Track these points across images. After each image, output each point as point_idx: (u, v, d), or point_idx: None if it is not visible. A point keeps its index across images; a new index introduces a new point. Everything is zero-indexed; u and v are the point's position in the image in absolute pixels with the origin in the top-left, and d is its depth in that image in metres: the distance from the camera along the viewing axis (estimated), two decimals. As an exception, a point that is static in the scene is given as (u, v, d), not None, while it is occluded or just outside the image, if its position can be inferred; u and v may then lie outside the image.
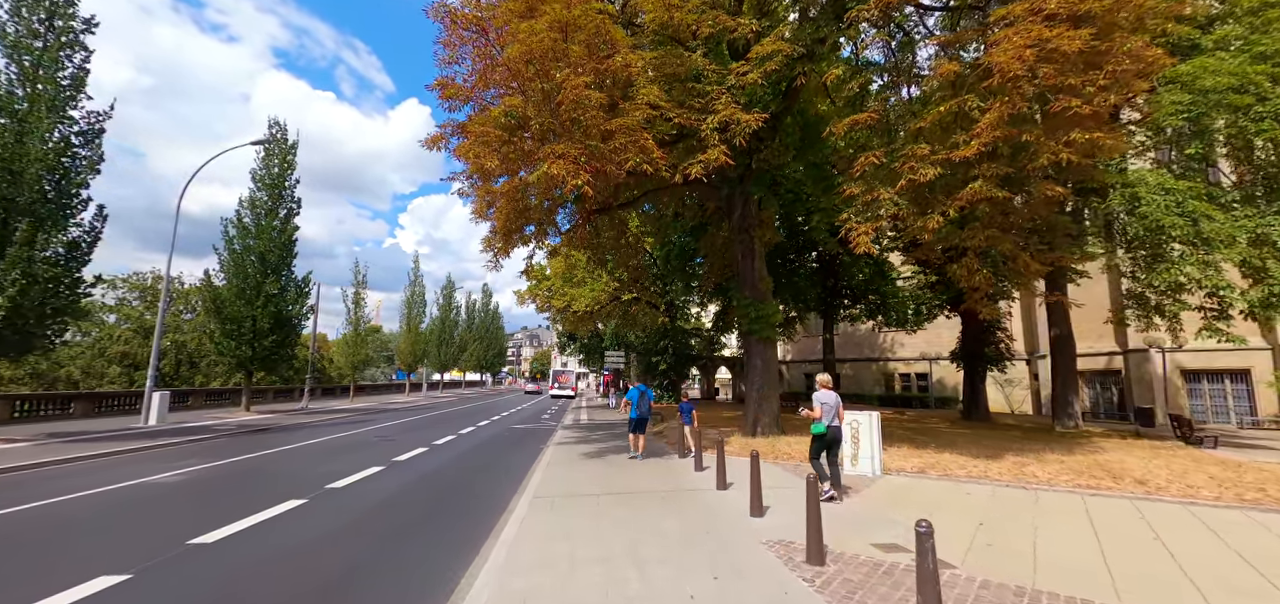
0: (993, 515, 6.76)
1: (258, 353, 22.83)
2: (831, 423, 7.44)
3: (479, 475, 10.17)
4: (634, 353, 40.51)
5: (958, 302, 22.88)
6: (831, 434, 7.45)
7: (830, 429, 7.42)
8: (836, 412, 7.55)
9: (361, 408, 28.82)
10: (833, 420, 7.46)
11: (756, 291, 14.13)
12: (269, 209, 24.10)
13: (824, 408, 7.45)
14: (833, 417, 7.48)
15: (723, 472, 8.31)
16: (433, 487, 9.06)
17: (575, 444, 14.30)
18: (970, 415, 22.63)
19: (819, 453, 7.47)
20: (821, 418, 7.40)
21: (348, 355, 34.17)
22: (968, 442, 13.08)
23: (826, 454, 7.51)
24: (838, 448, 7.70)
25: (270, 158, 24.61)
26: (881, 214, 9.64)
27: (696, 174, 10.21)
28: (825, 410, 7.44)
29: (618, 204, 16.78)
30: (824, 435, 7.39)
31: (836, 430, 7.56)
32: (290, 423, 20.06)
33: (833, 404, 7.50)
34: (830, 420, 7.43)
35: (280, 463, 11.41)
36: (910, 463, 10.04)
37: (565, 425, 20.07)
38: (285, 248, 24.46)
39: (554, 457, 11.92)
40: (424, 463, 11.52)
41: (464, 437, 16.63)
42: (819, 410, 7.45)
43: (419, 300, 45.07)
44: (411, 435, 16.59)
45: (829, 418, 7.43)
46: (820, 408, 7.46)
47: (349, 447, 14.03)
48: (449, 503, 7.87)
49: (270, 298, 23.20)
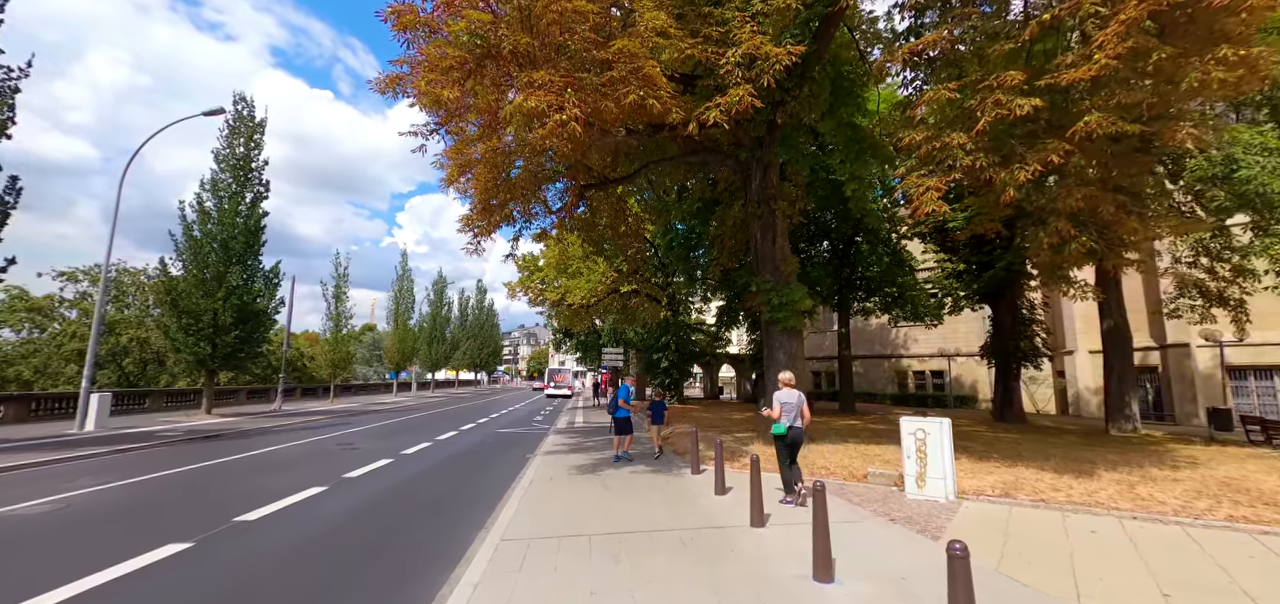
0: (1167, 574, 4.67)
1: (219, 350, 20.65)
2: (793, 423, 7.12)
3: (439, 505, 8.06)
4: (634, 350, 38.43)
5: (990, 292, 20.88)
6: (792, 435, 7.15)
7: (790, 430, 7.12)
8: (798, 412, 7.18)
9: (340, 410, 26.68)
10: (794, 420, 7.14)
11: (778, 274, 12.05)
12: (233, 192, 21.91)
13: (784, 408, 7.12)
14: (794, 416, 7.14)
15: (759, 504, 6.20)
16: (374, 521, 6.95)
17: (566, 453, 12.20)
18: (1004, 416, 20.59)
19: (786, 457, 7.22)
20: (781, 418, 7.10)
21: (328, 354, 31.99)
22: (1031, 451, 11.00)
23: (789, 457, 7.24)
24: (798, 449, 7.35)
25: (235, 135, 22.43)
26: (953, 166, 7.54)
27: (715, 120, 8.09)
28: (785, 410, 7.12)
29: (615, 179, 14.72)
30: (784, 436, 7.14)
31: (798, 432, 7.18)
32: (250, 428, 17.93)
33: (794, 404, 7.17)
34: (791, 420, 7.12)
35: (196, 483, 9.27)
36: (984, 481, 7.96)
37: (557, 430, 17.97)
38: (252, 235, 22.28)
39: (539, 471, 9.81)
40: (379, 481, 9.41)
41: (441, 444, 14.52)
42: (778, 410, 7.13)
43: (407, 295, 42.86)
44: (380, 443, 14.48)
45: (789, 418, 7.12)
46: (779, 408, 7.13)
47: (300, 458, 11.91)
48: (384, 553, 5.76)
49: (234, 290, 21.02)
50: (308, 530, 6.44)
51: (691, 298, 30.88)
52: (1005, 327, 20.84)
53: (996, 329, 21.23)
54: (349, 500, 7.93)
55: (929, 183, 7.43)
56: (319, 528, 6.54)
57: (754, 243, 12.51)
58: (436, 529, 6.58)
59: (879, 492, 7.81)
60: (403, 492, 8.66)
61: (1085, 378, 28.70)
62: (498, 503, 7.65)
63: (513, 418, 23.62)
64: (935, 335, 33.67)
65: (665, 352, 27.97)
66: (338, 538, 6.18)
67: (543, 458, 11.71)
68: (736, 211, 16.12)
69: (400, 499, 8.12)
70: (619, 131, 10.41)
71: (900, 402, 34.39)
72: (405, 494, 8.46)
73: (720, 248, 17.61)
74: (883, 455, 10.07)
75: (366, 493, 8.48)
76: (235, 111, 22.66)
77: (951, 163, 7.46)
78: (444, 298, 53.14)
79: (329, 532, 6.42)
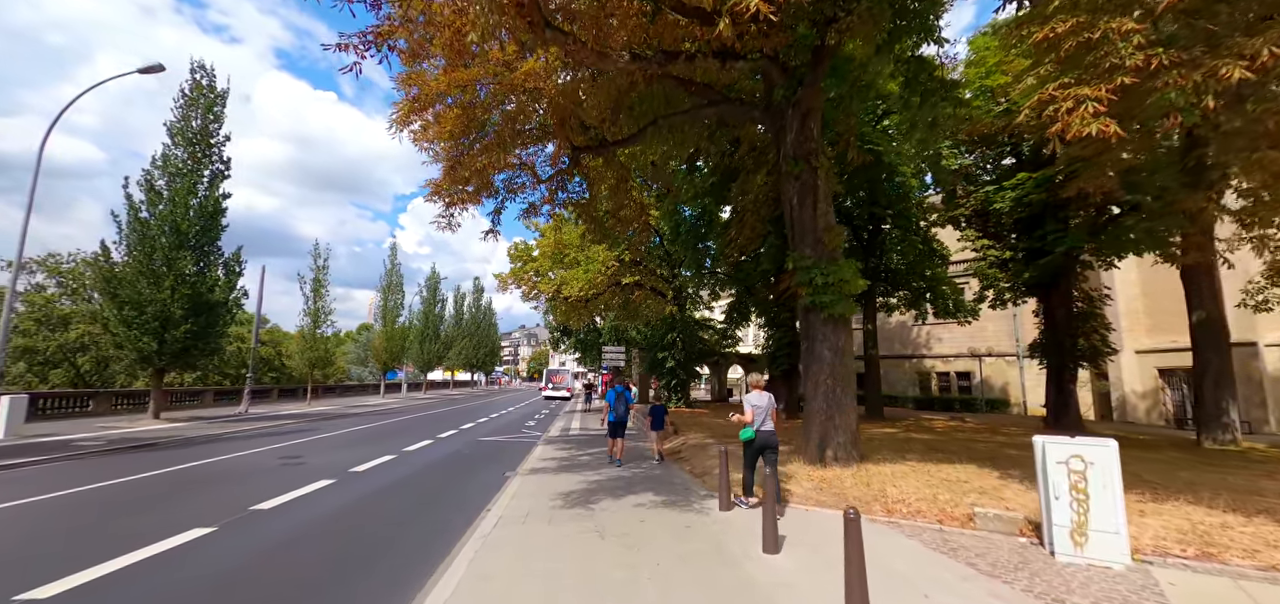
0: None
1: (168, 346, 18.24)
2: (762, 427, 6.70)
3: (361, 563, 5.60)
4: (637, 349, 35.95)
5: (1042, 282, 18.36)
6: (762, 440, 6.72)
7: (759, 434, 6.71)
8: (768, 415, 6.75)
9: (314, 413, 24.25)
10: (763, 424, 6.71)
11: (821, 248, 9.57)
12: (187, 171, 19.50)
13: (755, 411, 6.73)
14: (764, 420, 6.72)
15: (860, 584, 3.72)
16: (246, 596, 4.51)
17: (554, 472, 9.73)
18: (1058, 424, 18.07)
19: (752, 463, 6.91)
20: (752, 422, 6.70)
21: (305, 352, 29.53)
22: (1159, 475, 8.48)
23: (761, 458, 6.73)
24: (773, 455, 6.71)
25: (190, 107, 20.03)
26: (1118, 65, 5.05)
27: (756, 8, 5.60)
28: (756, 413, 6.73)
29: (615, 141, 12.33)
30: (752, 441, 6.76)
31: (769, 436, 6.71)
32: (196, 435, 15.50)
33: (764, 407, 6.76)
34: (760, 424, 6.71)
35: (41, 519, 6.82)
36: (1145, 528, 5.47)
37: (548, 439, 15.51)
38: (209, 219, 19.88)
39: (514, 502, 7.33)
40: (296, 516, 6.96)
41: (406, 458, 12.07)
42: (750, 413, 6.75)
43: (397, 290, 40.37)
44: (333, 456, 12.04)
45: (759, 421, 6.71)
46: (751, 411, 6.74)
47: (218, 478, 9.47)
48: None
49: (185, 278, 18.61)
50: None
51: (700, 292, 28.41)
52: (1060, 321, 18.32)
53: (1050, 323, 18.71)
54: (232, 553, 5.47)
55: (1083, 92, 4.95)
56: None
57: (789, 211, 10.03)
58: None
59: (1003, 546, 5.32)
60: (320, 534, 6.20)
61: (1132, 381, 26.16)
62: (443, 561, 5.19)
63: (502, 423, 21.17)
64: (962, 334, 31.17)
65: (671, 350, 25.48)
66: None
67: (524, 478, 9.25)
68: (759, 182, 13.66)
69: (308, 549, 5.66)
70: (622, 56, 7.97)
71: (924, 405, 31.87)
72: (320, 540, 6.00)
73: (737, 228, 15.13)
74: (971, 481, 7.59)
75: (266, 538, 6.02)
76: (192, 80, 20.29)
77: (1116, 62, 4.98)
78: (438, 295, 50.71)
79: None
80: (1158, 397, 25.82)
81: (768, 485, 5.53)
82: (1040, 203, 17.51)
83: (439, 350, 49.55)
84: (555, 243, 23.85)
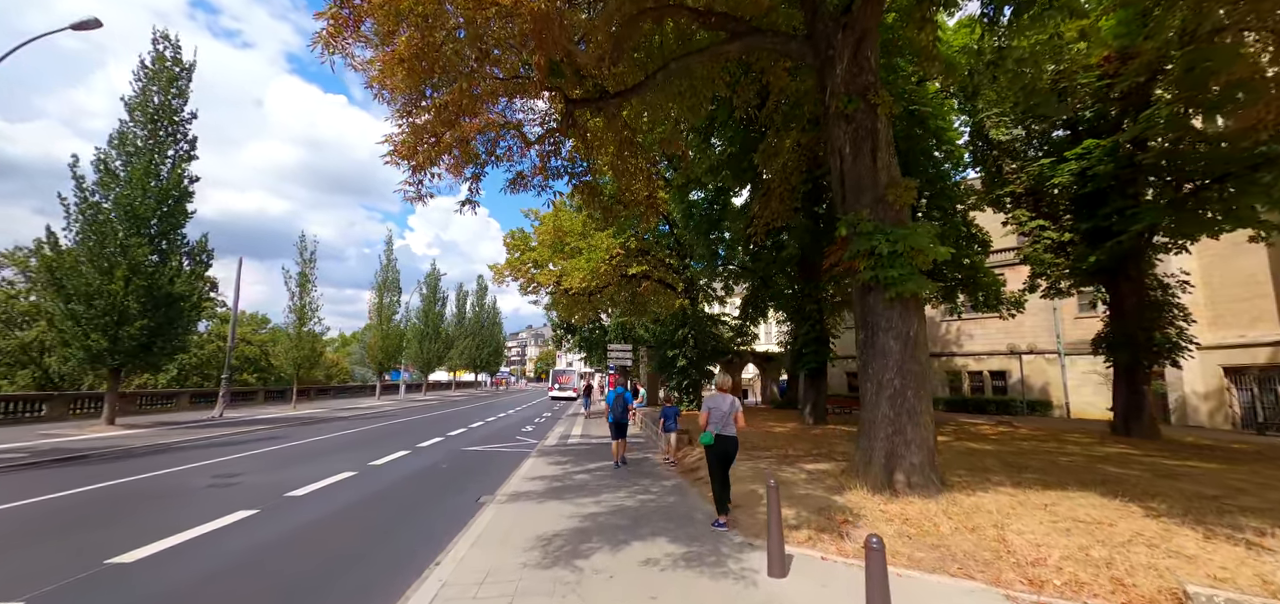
0: None
1: (122, 343, 16.34)
2: (722, 431, 5.95)
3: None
4: (644, 347, 33.78)
5: (1107, 266, 15.98)
6: (721, 446, 5.95)
7: (719, 439, 5.94)
8: (729, 418, 5.98)
9: (295, 418, 22.32)
10: (725, 428, 5.95)
11: (884, 207, 7.38)
12: (146, 150, 17.61)
13: (711, 413, 6.01)
14: (723, 423, 5.96)
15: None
16: None
17: (540, 499, 7.58)
18: (1130, 429, 15.72)
19: (718, 474, 6.01)
20: (709, 426, 5.95)
21: (290, 352, 27.65)
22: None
23: (718, 471, 6.00)
24: (730, 462, 6.04)
25: (151, 81, 18.14)
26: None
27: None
28: (713, 416, 5.99)
29: (616, 92, 10.26)
30: (712, 447, 5.97)
31: (728, 442, 5.96)
32: (144, 445, 13.57)
33: (724, 410, 6.01)
34: (719, 429, 5.95)
35: None
36: None
37: (544, 449, 13.41)
38: (173, 203, 17.99)
39: (470, 564, 5.18)
40: (150, 583, 4.89)
41: (368, 474, 10.01)
42: (705, 416, 6.03)
43: (392, 287, 38.45)
44: (281, 474, 10.00)
45: (717, 425, 5.96)
46: (707, 413, 6.03)
47: (112, 508, 7.44)
48: None
49: (141, 268, 16.70)
50: None
51: (713, 285, 26.19)
52: (1130, 311, 15.95)
53: (1118, 314, 16.34)
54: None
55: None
56: None
57: (838, 165, 7.83)
58: None
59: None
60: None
61: (1193, 380, 23.62)
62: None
63: (496, 428, 19.10)
64: (997, 330, 28.78)
65: (682, 348, 23.29)
66: None
67: (500, 508, 7.13)
68: (790, 146, 11.44)
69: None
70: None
71: (956, 407, 29.42)
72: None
73: (761, 204, 12.90)
74: (1118, 523, 5.36)
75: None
76: (154, 52, 18.41)
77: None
78: (438, 293, 48.80)
79: None
80: (1223, 398, 23.28)
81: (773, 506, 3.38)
82: (1107, 175, 15.21)
83: (439, 350, 47.64)
84: (554, 230, 21.77)
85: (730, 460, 6.10)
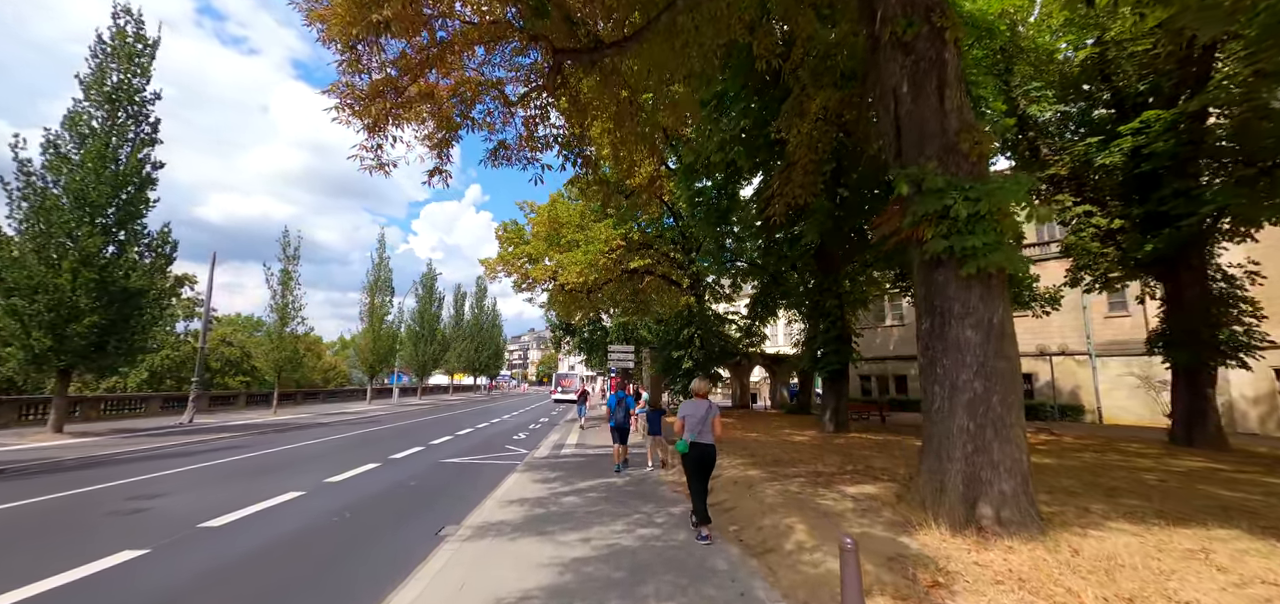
0: None
1: (69, 343, 14.77)
2: (698, 439, 5.64)
3: None
4: (648, 349, 32.10)
5: (1164, 256, 14.25)
6: (697, 453, 5.65)
7: (694, 447, 5.64)
8: (706, 425, 5.68)
9: (272, 424, 20.72)
10: (702, 436, 5.64)
11: (956, 157, 5.73)
12: (103, 133, 16.09)
13: (687, 421, 5.68)
14: (700, 431, 5.65)
15: None
16: None
17: (516, 534, 5.88)
18: (1192, 439, 13.96)
19: (696, 483, 5.70)
20: (684, 433, 5.67)
21: (270, 354, 26.05)
22: None
23: (697, 481, 5.71)
24: (709, 471, 5.78)
25: (110, 58, 16.64)
26: None
27: None
28: (689, 423, 5.67)
29: (613, 42, 8.73)
30: (687, 454, 5.69)
31: (705, 449, 5.66)
32: (75, 456, 11.99)
33: (699, 416, 5.69)
34: (695, 435, 5.63)
35: None
36: None
37: (533, 462, 11.76)
38: (134, 191, 16.46)
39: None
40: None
41: (318, 494, 8.37)
42: (679, 423, 5.75)
43: (385, 287, 36.86)
44: (213, 493, 8.38)
45: (693, 432, 5.63)
46: (681, 421, 5.74)
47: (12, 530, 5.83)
48: None
49: (92, 260, 15.14)
50: None
51: (721, 282, 24.53)
52: (1192, 305, 14.22)
53: (1176, 308, 14.59)
54: None
55: None
56: None
57: (891, 109, 6.18)
58: None
59: None
60: None
61: (1241, 384, 21.77)
62: None
63: (485, 437, 17.44)
64: (1025, 330, 26.64)
65: (688, 348, 21.60)
66: None
67: (460, 548, 5.48)
68: (815, 110, 9.78)
69: None
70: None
71: (978, 412, 27.60)
72: None
73: (781, 181, 11.23)
74: None
75: None
76: (113, 28, 16.91)
77: None
78: (434, 293, 47.24)
79: None
80: (1275, 402, 21.49)
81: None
82: (1166, 154, 13.54)
83: (435, 352, 46.05)
84: (549, 221, 20.16)
85: (709, 468, 5.82)
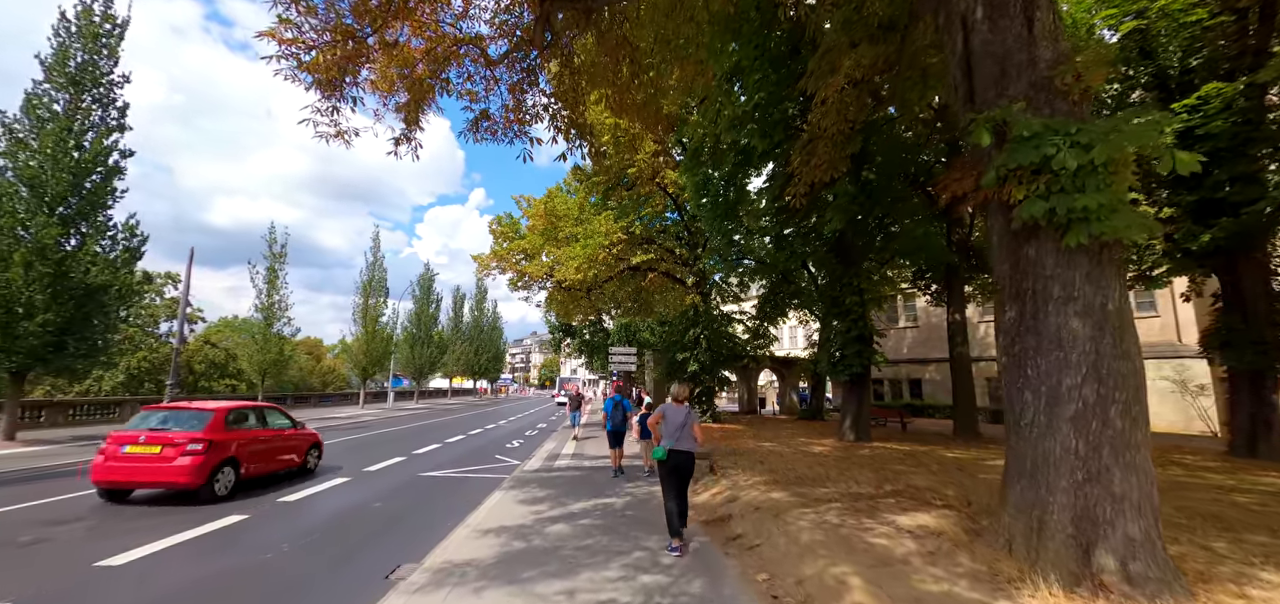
0: None
1: (22, 342, 13.58)
2: (677, 445, 5.48)
3: None
4: (650, 351, 30.83)
5: (1224, 248, 12.93)
6: (675, 460, 5.47)
7: (672, 453, 5.47)
8: (686, 431, 5.51)
9: (251, 430, 19.44)
10: (678, 442, 5.47)
11: (1050, 98, 4.42)
12: (63, 116, 14.92)
13: (665, 425, 5.56)
14: (677, 436, 5.48)
15: None
16: None
17: (486, 579, 4.55)
18: (1255, 450, 12.58)
19: (673, 492, 5.47)
20: (661, 440, 5.54)
21: (254, 355, 24.82)
22: None
23: (674, 489, 5.48)
24: (688, 480, 5.63)
25: (74, 38, 15.49)
26: None
27: None
28: (666, 428, 5.54)
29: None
30: (665, 462, 5.50)
31: (683, 457, 5.47)
32: (13, 469, 10.80)
33: (678, 421, 5.55)
34: (673, 442, 5.47)
35: None
36: None
37: (522, 477, 10.46)
38: (98, 180, 15.30)
39: None
40: None
41: (263, 519, 7.10)
42: (655, 419, 5.71)
43: (379, 287, 35.71)
44: (141, 520, 7.12)
45: (671, 439, 5.48)
46: (659, 415, 5.66)
47: None
48: None
49: (47, 253, 13.96)
50: None
51: (728, 280, 23.23)
52: (1254, 302, 12.86)
53: (1236, 306, 13.24)
54: None
55: None
56: None
57: (961, 41, 4.90)
58: None
59: None
60: None
61: None
62: None
63: (476, 445, 16.14)
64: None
65: (694, 350, 20.28)
66: None
67: (416, 601, 4.19)
68: (842, 77, 8.49)
69: None
70: None
71: (998, 418, 26.19)
72: None
73: (802, 159, 9.95)
74: None
75: None
76: (79, 5, 15.77)
77: None
78: (431, 295, 46.05)
79: None
80: None
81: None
82: (1228, 133, 12.25)
83: (433, 355, 44.83)
84: (546, 214, 18.92)
85: (687, 477, 5.65)
